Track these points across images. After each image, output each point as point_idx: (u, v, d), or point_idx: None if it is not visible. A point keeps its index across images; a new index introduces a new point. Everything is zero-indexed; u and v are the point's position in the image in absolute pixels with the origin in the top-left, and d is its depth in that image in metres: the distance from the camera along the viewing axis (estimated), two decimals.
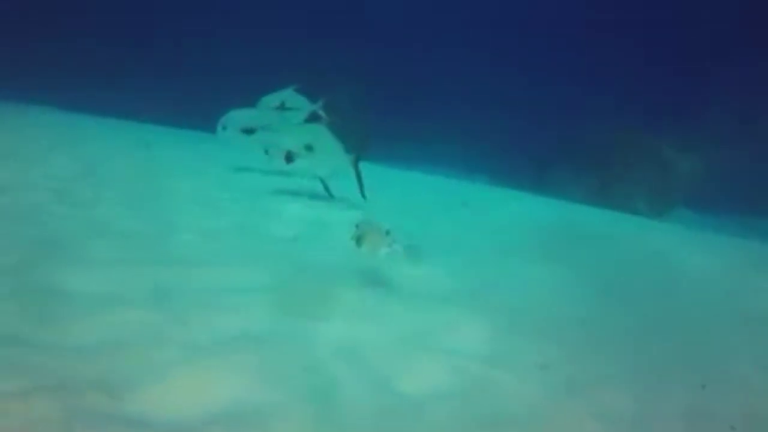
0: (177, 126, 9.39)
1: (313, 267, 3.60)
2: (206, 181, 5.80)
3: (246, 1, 13.01)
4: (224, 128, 6.06)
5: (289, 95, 6.19)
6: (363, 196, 5.24)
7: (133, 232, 3.98)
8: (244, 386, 2.22)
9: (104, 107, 9.45)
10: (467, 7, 14.14)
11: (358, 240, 3.10)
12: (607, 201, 9.52)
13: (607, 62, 12.32)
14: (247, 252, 3.80)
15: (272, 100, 6.08)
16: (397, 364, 2.54)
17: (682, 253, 5.58)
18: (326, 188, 5.45)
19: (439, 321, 3.03)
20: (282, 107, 5.97)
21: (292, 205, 5.47)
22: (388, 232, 3.13)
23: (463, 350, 2.76)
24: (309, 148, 5.03)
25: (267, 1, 13.02)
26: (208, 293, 3.01)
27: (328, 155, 5.17)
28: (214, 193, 5.48)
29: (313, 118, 5.77)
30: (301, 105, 6.13)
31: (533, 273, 4.16)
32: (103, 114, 9.41)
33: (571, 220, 7.27)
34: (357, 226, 3.13)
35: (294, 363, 2.42)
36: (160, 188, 5.35)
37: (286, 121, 5.96)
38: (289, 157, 4.95)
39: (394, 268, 3.77)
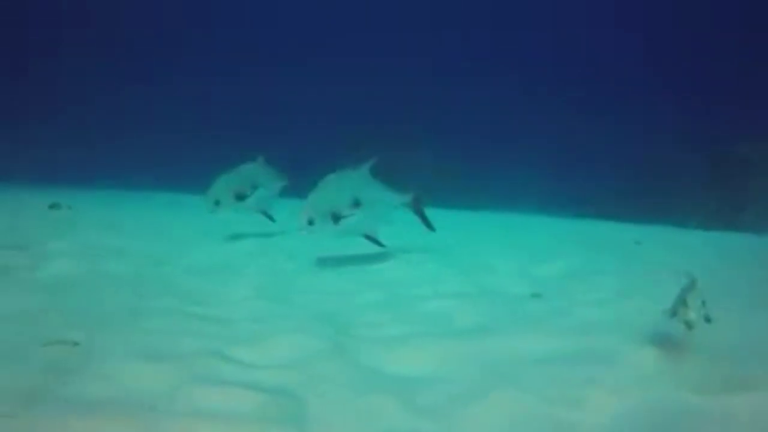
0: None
1: (603, 327, 3.18)
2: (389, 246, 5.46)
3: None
4: (213, 199, 5.41)
5: (257, 167, 5.79)
6: (432, 228, 5.24)
7: (379, 303, 3.73)
8: None
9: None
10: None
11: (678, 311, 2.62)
12: (728, 224, 8.90)
13: (721, 77, 11.79)
14: (514, 316, 3.43)
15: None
16: None
17: None
18: (376, 241, 4.94)
19: None
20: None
21: (494, 258, 5.18)
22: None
23: None
24: (357, 203, 4.53)
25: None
26: (539, 368, 2.63)
27: (376, 206, 4.76)
28: (413, 255, 5.24)
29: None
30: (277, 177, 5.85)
31: None
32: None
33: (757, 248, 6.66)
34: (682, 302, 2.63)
35: None
36: (350, 258, 5.09)
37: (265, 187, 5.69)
38: (337, 218, 4.37)
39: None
